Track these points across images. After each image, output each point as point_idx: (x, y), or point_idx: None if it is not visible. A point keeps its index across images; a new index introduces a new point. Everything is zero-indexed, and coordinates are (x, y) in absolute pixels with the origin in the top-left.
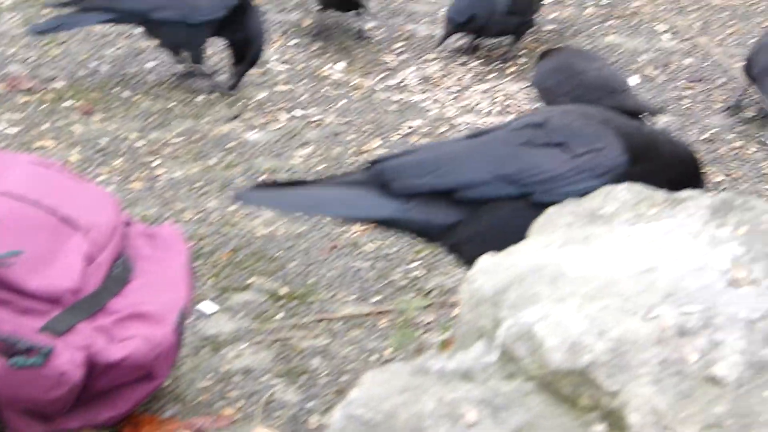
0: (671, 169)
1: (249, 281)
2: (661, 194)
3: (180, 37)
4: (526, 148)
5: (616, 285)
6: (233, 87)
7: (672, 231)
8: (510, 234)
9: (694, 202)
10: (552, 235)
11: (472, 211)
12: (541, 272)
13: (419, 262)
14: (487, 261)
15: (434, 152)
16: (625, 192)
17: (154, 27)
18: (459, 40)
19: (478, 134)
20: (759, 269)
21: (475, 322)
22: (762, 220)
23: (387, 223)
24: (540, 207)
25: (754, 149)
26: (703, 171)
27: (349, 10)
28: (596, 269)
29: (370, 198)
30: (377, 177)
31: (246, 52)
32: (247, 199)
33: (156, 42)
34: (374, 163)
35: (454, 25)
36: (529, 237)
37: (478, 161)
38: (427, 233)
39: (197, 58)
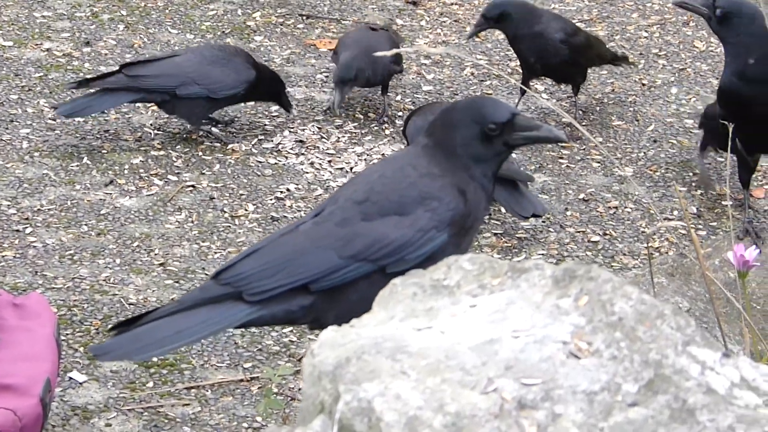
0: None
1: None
2: (504, 264)
3: (197, 109)
4: (365, 223)
5: (456, 358)
6: (289, 109)
7: (514, 302)
8: (369, 306)
9: (537, 272)
10: (395, 307)
11: (329, 291)
12: (381, 346)
13: (291, 328)
14: (329, 334)
15: (276, 251)
16: (469, 263)
17: (175, 102)
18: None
19: (304, 221)
20: (600, 340)
21: (315, 397)
22: (603, 290)
23: (251, 324)
24: (395, 276)
25: (631, 208)
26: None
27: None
28: (438, 342)
29: (226, 311)
30: (228, 289)
31: (278, 95)
32: (108, 354)
33: (171, 114)
34: (217, 274)
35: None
36: (373, 309)
37: (322, 249)
38: (288, 321)
39: (197, 124)
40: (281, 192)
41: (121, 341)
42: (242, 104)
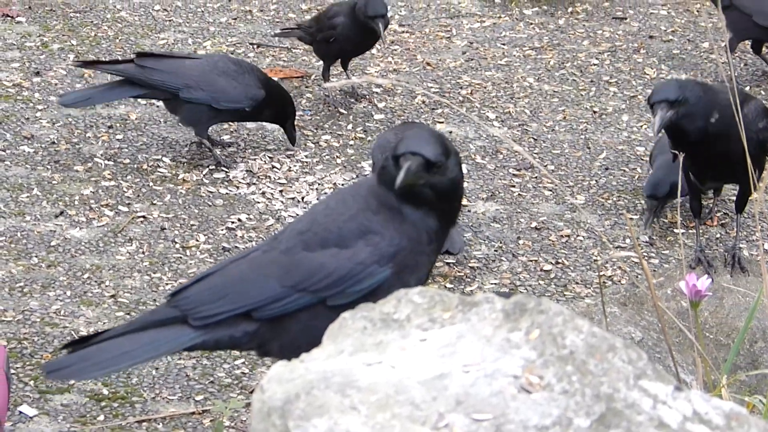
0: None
1: (70, 383)
2: (455, 298)
3: (200, 116)
4: (306, 253)
5: (406, 392)
6: (294, 142)
7: (465, 336)
8: (313, 338)
9: (488, 305)
10: (345, 341)
11: (272, 321)
12: (330, 380)
13: (243, 360)
14: (278, 369)
15: (223, 278)
16: (419, 296)
17: (179, 103)
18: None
19: (257, 249)
20: (551, 374)
21: None
22: (554, 323)
23: (196, 348)
24: (337, 309)
25: (583, 237)
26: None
27: None
28: (387, 376)
29: (172, 334)
30: (175, 312)
31: (285, 119)
32: (60, 371)
33: (174, 114)
34: (174, 294)
35: None
36: (322, 343)
37: (265, 277)
38: (234, 346)
39: (203, 134)
40: (232, 222)
41: (72, 359)
42: (249, 123)
